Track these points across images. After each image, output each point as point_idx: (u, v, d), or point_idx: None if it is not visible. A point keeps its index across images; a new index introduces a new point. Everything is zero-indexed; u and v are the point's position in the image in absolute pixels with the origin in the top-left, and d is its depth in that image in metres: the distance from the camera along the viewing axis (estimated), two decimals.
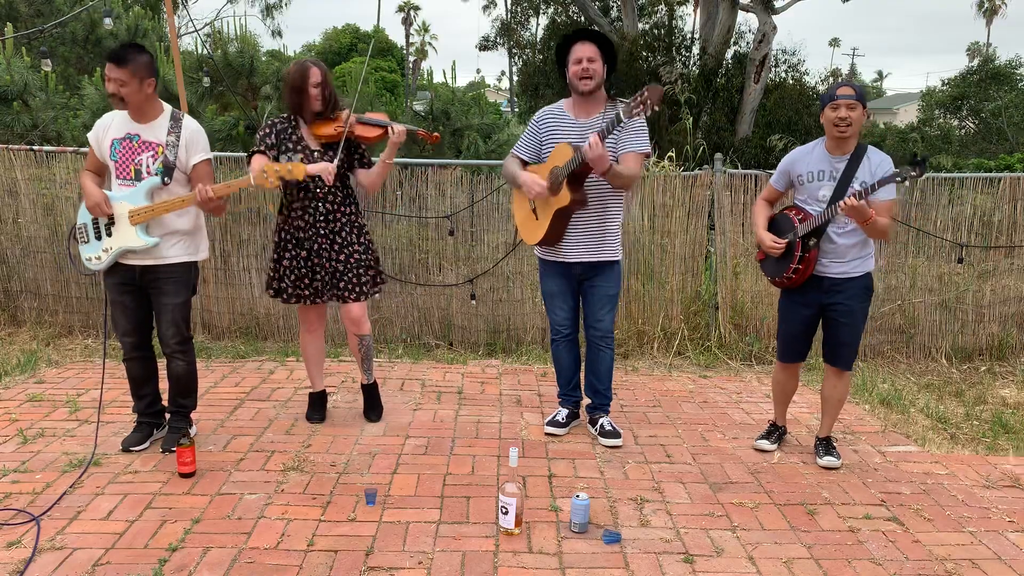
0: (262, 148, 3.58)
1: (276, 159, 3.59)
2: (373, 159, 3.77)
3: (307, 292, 3.70)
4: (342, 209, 3.67)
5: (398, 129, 3.52)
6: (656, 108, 3.22)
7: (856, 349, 3.53)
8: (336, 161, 3.53)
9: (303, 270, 3.67)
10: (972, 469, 3.65)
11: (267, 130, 3.62)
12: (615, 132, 3.41)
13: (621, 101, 3.59)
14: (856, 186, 3.28)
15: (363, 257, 3.72)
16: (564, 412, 3.97)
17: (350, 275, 3.68)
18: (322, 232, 3.63)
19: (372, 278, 3.77)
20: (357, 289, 3.70)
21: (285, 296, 3.72)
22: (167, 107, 3.35)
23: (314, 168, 3.45)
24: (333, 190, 3.63)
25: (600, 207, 3.63)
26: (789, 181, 3.55)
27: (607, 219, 3.67)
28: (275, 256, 3.73)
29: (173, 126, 3.30)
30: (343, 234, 3.67)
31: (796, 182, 3.50)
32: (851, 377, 3.84)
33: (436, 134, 3.78)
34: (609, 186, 3.56)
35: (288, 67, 3.65)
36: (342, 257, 3.67)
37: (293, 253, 3.67)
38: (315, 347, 3.95)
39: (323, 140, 3.59)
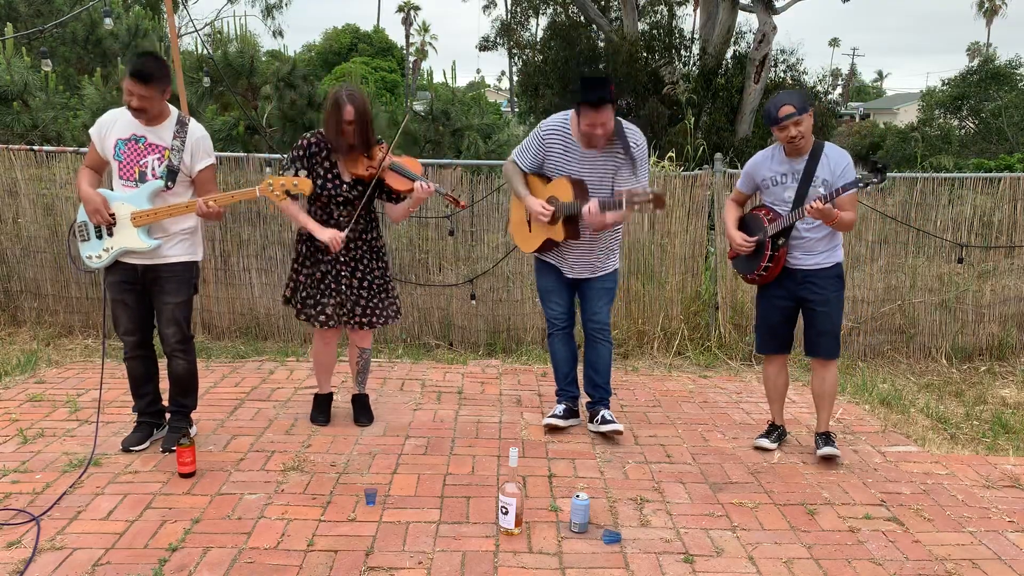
0: (294, 172, 3.49)
1: (321, 182, 3.54)
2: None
3: (314, 312, 3.63)
4: (364, 236, 3.65)
5: (425, 188, 3.48)
6: (656, 213, 3.30)
7: (836, 338, 3.58)
8: (348, 228, 3.53)
9: (313, 289, 3.64)
10: (972, 469, 3.65)
11: (300, 152, 3.51)
12: (618, 161, 3.50)
13: (632, 146, 3.52)
14: (819, 187, 3.40)
15: (382, 283, 3.72)
16: (561, 407, 3.97)
17: (368, 301, 3.67)
18: (342, 259, 3.61)
19: (391, 306, 3.75)
20: (374, 315, 3.69)
21: (298, 308, 3.68)
22: (174, 110, 3.35)
23: (324, 236, 3.43)
24: (357, 217, 3.59)
25: (596, 238, 3.68)
26: (754, 184, 3.66)
27: (604, 245, 3.73)
28: (295, 267, 3.69)
29: (179, 131, 3.30)
30: (364, 261, 3.66)
31: (761, 186, 3.61)
32: (841, 373, 3.84)
33: (464, 202, 3.74)
34: None
35: (329, 91, 3.51)
36: (364, 283, 3.67)
37: (310, 271, 3.64)
38: (328, 356, 3.90)
39: (354, 176, 3.54)
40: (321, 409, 4.00)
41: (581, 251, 3.71)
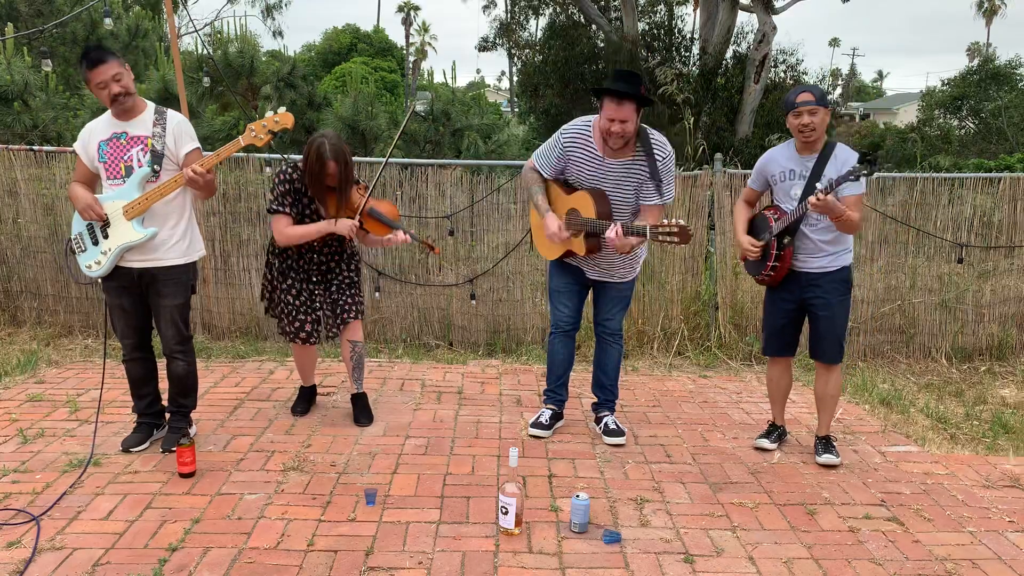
0: (285, 209, 3.59)
1: (299, 216, 3.64)
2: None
3: (292, 329, 3.78)
4: (334, 259, 3.82)
5: (402, 237, 3.64)
6: (680, 245, 3.21)
7: (839, 343, 3.56)
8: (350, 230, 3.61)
9: (290, 307, 3.76)
10: (972, 469, 3.65)
11: (287, 187, 3.60)
12: (642, 175, 3.45)
13: (658, 158, 3.44)
14: (822, 183, 3.35)
15: (355, 279, 3.88)
16: (548, 413, 3.94)
17: (344, 297, 3.82)
18: (314, 279, 3.78)
19: (359, 304, 3.91)
20: (354, 309, 3.84)
21: (280, 325, 3.84)
22: (150, 104, 3.36)
23: (341, 229, 3.54)
24: (330, 242, 3.76)
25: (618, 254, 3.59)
26: (765, 181, 3.62)
27: (625, 257, 3.62)
28: (271, 280, 3.82)
29: (158, 118, 3.30)
30: (336, 270, 3.84)
31: (771, 181, 3.58)
32: (842, 374, 3.83)
33: (438, 248, 3.89)
34: None
35: (309, 142, 3.51)
36: (333, 287, 3.83)
37: (287, 287, 3.76)
38: (307, 359, 4.05)
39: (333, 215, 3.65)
40: (301, 399, 4.13)
41: (605, 261, 3.64)
